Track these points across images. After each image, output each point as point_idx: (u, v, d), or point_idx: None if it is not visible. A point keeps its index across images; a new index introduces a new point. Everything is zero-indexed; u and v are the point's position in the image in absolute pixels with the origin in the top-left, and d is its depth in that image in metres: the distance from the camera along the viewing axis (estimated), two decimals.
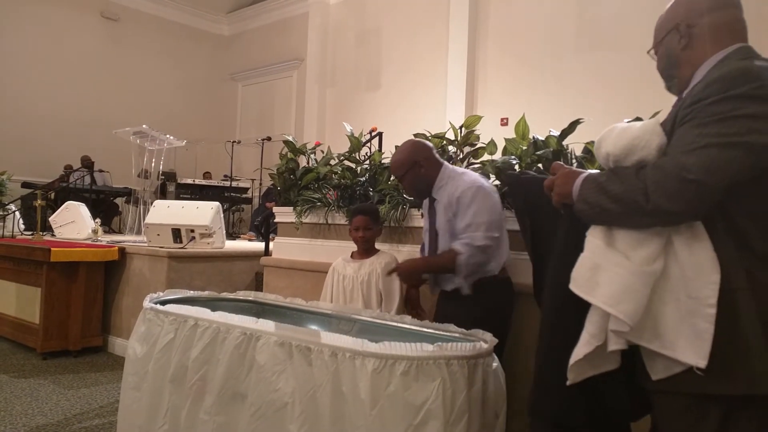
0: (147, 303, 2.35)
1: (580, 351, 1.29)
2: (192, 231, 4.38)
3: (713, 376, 1.17)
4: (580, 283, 1.29)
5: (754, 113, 1.14)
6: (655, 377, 1.25)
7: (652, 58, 1.48)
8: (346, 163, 3.49)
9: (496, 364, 1.81)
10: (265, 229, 4.85)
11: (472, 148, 3.02)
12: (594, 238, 1.30)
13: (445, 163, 2.45)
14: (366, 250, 2.80)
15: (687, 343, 1.18)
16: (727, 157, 1.14)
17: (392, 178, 3.18)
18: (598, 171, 1.38)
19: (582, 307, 1.29)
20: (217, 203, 4.59)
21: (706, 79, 1.25)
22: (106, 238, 5.36)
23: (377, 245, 2.87)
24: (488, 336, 1.87)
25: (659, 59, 1.45)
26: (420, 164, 2.38)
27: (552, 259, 1.49)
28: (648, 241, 1.23)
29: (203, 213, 4.46)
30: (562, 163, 1.50)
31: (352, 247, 2.86)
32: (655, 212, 1.19)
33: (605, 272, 1.25)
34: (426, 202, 2.50)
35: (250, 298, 2.72)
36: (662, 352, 1.22)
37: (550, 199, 1.42)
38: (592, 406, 1.43)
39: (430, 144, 2.51)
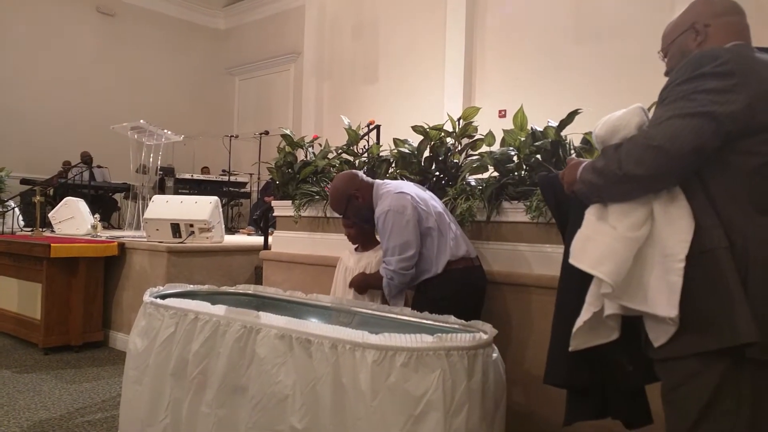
0: (147, 297, 2.35)
1: (580, 319, 1.43)
2: (191, 226, 4.38)
3: (699, 334, 1.26)
4: (573, 253, 1.43)
5: (715, 87, 1.26)
6: (656, 344, 1.33)
7: (661, 60, 1.59)
8: (344, 156, 3.49)
9: (496, 354, 1.81)
10: (264, 223, 4.85)
11: (471, 140, 3.01)
12: (589, 215, 1.44)
13: (375, 181, 2.57)
14: (362, 243, 2.78)
15: (663, 298, 1.29)
16: (688, 125, 1.26)
17: (389, 170, 3.18)
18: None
19: (586, 283, 1.42)
20: (215, 198, 4.59)
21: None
22: (105, 234, 5.36)
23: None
24: (488, 327, 1.88)
25: (670, 59, 1.55)
26: (355, 196, 2.52)
27: (566, 242, 1.61)
28: (633, 211, 1.35)
29: (202, 207, 4.46)
30: (574, 157, 1.62)
31: None
32: (627, 178, 1.31)
33: (593, 241, 1.39)
34: None
35: (250, 292, 2.72)
36: (645, 309, 1.32)
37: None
38: (597, 371, 1.58)
39: (356, 171, 2.64)
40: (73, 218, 5.43)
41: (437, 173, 3.04)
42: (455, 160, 3.01)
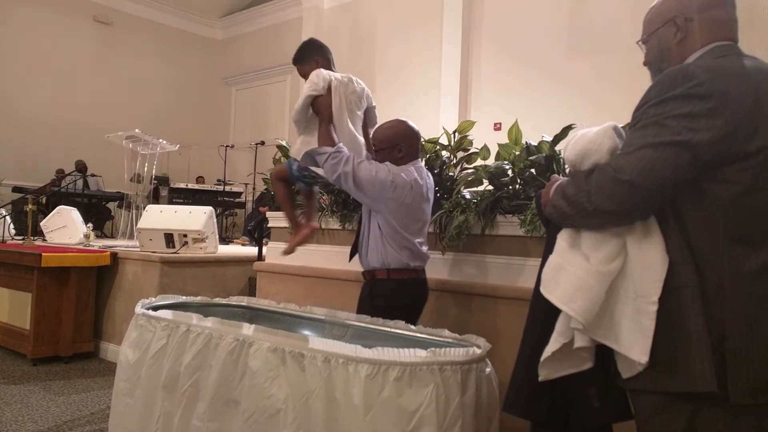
0: (139, 308, 2.33)
1: (549, 349, 1.35)
2: (185, 236, 4.36)
3: (661, 373, 1.19)
4: (545, 283, 1.35)
5: (690, 112, 1.17)
6: (625, 375, 1.27)
7: (641, 49, 1.47)
8: None
9: (489, 369, 1.81)
10: (259, 233, 4.85)
11: (466, 153, 3.02)
12: (561, 240, 1.36)
13: (419, 160, 2.43)
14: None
15: (634, 339, 1.22)
16: (661, 156, 1.17)
17: None
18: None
19: (558, 308, 1.34)
20: (210, 208, 4.57)
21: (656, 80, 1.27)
22: (98, 243, 5.33)
23: None
24: (481, 341, 1.88)
25: (649, 51, 1.44)
26: (400, 148, 2.35)
27: (542, 264, 1.53)
28: (607, 242, 1.27)
29: (196, 217, 4.44)
30: (557, 175, 1.56)
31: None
32: (597, 213, 1.24)
33: (565, 272, 1.30)
34: None
35: (243, 304, 2.71)
36: (616, 348, 1.26)
37: None
38: (562, 405, 1.50)
39: (420, 135, 2.46)
40: (66, 227, 5.40)
41: None
42: (450, 173, 3.02)
